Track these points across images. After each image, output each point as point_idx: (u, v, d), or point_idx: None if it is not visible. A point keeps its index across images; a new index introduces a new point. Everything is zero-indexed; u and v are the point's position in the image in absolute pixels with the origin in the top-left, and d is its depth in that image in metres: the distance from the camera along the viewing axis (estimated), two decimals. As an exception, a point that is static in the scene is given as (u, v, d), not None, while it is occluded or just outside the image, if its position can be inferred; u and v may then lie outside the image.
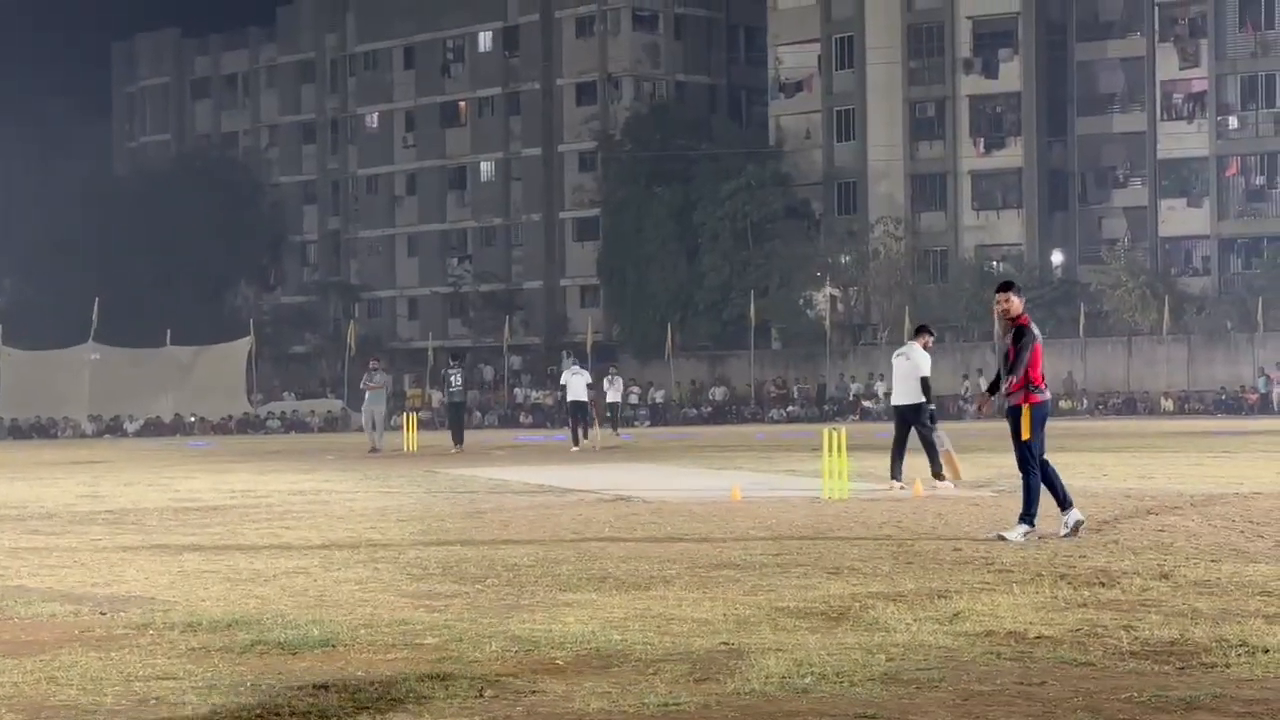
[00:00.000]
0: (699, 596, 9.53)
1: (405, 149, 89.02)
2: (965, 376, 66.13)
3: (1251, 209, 70.52)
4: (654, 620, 8.54)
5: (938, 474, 18.97)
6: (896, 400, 19.78)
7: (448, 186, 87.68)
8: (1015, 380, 13.00)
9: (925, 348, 19.76)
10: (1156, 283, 68.36)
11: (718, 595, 9.56)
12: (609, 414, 45.06)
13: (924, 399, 19.26)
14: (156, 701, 6.50)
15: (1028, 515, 12.78)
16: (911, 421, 19.23)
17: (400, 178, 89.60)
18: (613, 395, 49.77)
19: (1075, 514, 12.89)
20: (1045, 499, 12.88)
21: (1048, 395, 13.18)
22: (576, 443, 35.52)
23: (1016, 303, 13.24)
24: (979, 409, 14.18)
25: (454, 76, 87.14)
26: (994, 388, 13.41)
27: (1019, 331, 13.10)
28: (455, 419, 37.05)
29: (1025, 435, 12.94)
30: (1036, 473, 12.87)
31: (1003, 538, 12.67)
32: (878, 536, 13.17)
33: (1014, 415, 13.02)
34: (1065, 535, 12.70)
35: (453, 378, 37.34)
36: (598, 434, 38.66)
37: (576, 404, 36.35)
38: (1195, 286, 70.21)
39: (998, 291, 13.53)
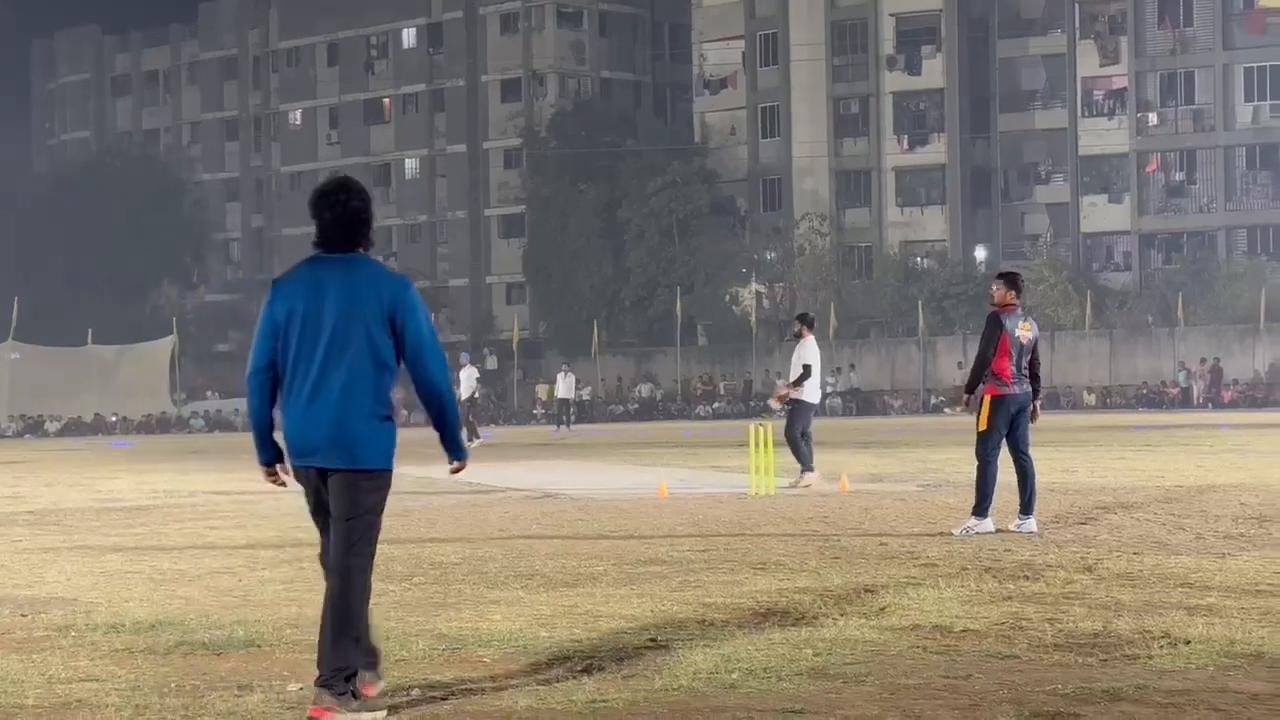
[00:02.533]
0: (626, 593, 9.53)
1: (329, 146, 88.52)
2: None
3: (1171, 205, 71.20)
4: (581, 617, 8.53)
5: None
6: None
7: (372, 184, 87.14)
8: (975, 370, 12.88)
9: (799, 335, 19.71)
10: (1078, 278, 68.95)
11: (645, 592, 9.56)
12: (560, 410, 45.22)
13: (808, 392, 19.11)
14: (79, 704, 6.44)
15: (976, 505, 12.74)
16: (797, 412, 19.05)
17: (324, 175, 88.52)
18: (564, 391, 49.83)
19: (987, 524, 12.70)
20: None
21: (1013, 389, 12.84)
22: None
23: (1000, 293, 13.08)
24: (963, 407, 13.78)
25: (378, 73, 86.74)
26: (972, 386, 13.11)
27: (987, 320, 12.99)
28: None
29: (982, 426, 12.86)
30: (992, 464, 12.76)
31: (952, 532, 12.65)
32: (804, 532, 13.21)
33: (978, 405, 12.95)
34: (959, 534, 12.58)
35: None
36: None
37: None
38: (1116, 282, 70.83)
39: (995, 279, 13.36)
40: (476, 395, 37.11)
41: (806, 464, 18.76)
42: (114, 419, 66.21)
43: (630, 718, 6.06)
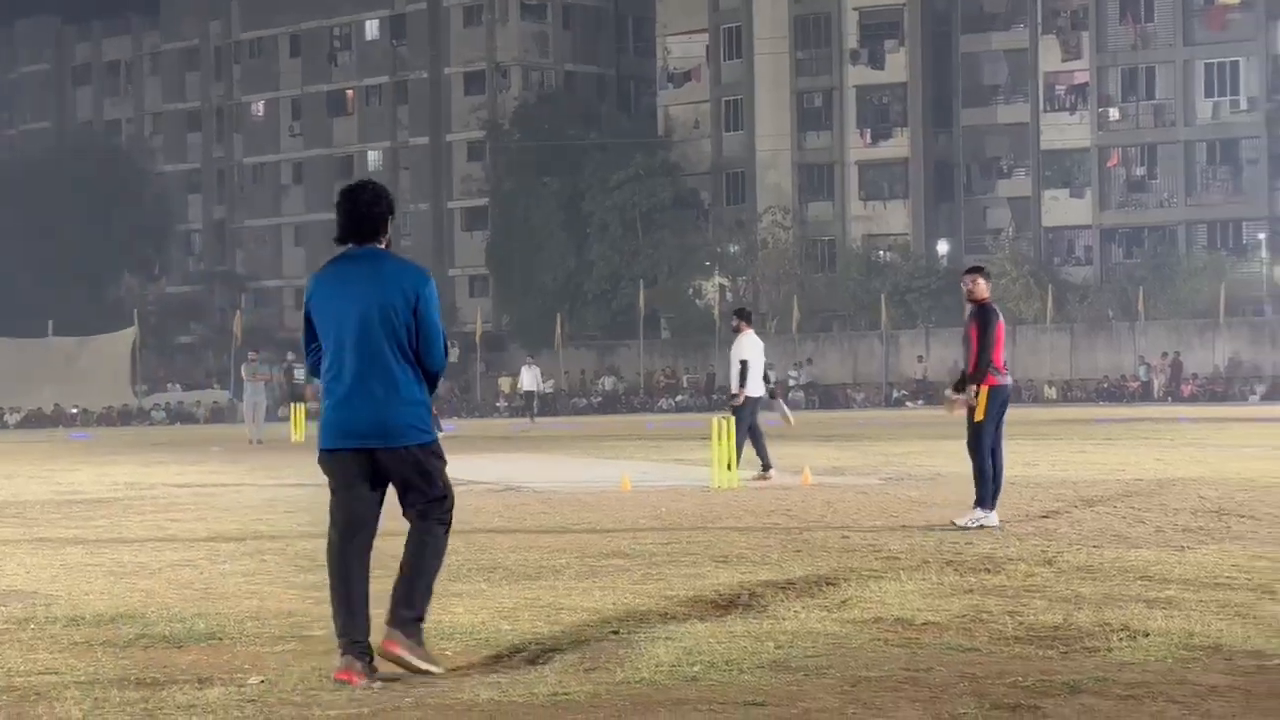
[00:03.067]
0: (589, 586, 9.53)
1: (292, 138, 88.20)
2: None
3: (1132, 199, 71.55)
4: (543, 610, 8.53)
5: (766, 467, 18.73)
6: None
7: (335, 175, 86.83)
8: (972, 361, 12.83)
9: (736, 330, 19.65)
10: (1040, 272, 69.23)
11: (607, 585, 9.57)
12: (526, 402, 45.33)
13: (757, 385, 19.07)
14: (38, 696, 6.40)
15: (980, 500, 12.72)
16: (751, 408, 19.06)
17: (287, 166, 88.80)
18: (529, 384, 49.78)
19: (993, 517, 12.62)
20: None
21: (1008, 379, 12.88)
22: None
23: (983, 285, 13.04)
24: (951, 409, 13.51)
25: (341, 65, 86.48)
26: (961, 385, 12.99)
27: (981, 310, 12.91)
28: None
29: (979, 416, 12.80)
30: (987, 456, 12.76)
31: (954, 524, 12.58)
32: (766, 526, 13.23)
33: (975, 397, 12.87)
34: (961, 527, 12.52)
35: None
36: None
37: None
38: (1078, 276, 71.16)
39: (965, 274, 13.32)
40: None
41: (765, 459, 18.81)
42: (74, 411, 65.87)
43: (592, 710, 6.06)
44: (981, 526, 12.46)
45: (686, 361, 72.43)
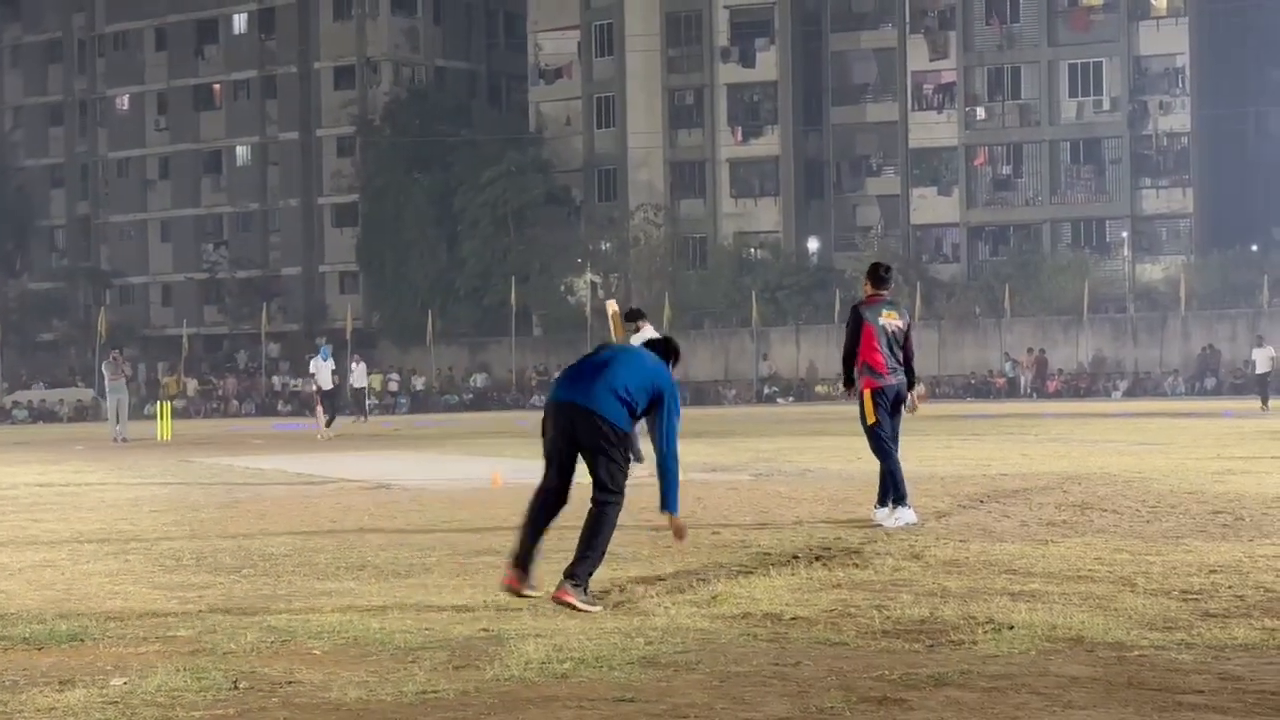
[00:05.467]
0: (459, 584, 9.50)
1: (158, 132, 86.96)
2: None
3: (998, 198, 72.52)
4: (413, 608, 8.49)
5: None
6: None
7: (202, 170, 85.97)
8: (844, 363, 12.91)
9: (638, 329, 19.67)
10: (908, 269, 69.91)
11: (478, 582, 9.54)
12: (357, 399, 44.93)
13: None
14: (-107, 702, 6.27)
15: (895, 496, 12.71)
16: None
17: (153, 161, 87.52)
18: (359, 380, 49.46)
19: (910, 514, 12.61)
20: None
21: (889, 379, 12.77)
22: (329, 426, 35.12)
23: (864, 286, 13.08)
24: (848, 394, 13.51)
25: (208, 59, 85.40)
26: (847, 379, 13.04)
27: (849, 314, 13.01)
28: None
29: (869, 419, 12.84)
30: (891, 454, 12.77)
31: (879, 524, 12.49)
32: (637, 522, 13.22)
33: (860, 400, 12.91)
34: (890, 525, 12.42)
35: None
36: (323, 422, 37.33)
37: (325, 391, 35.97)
38: (945, 273, 72.00)
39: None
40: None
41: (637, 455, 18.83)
42: (-67, 410, 64.62)
43: (461, 708, 6.03)
44: (906, 524, 12.47)
45: (558, 359, 72.23)
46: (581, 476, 8.91)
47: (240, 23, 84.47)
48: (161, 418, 37.32)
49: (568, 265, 73.78)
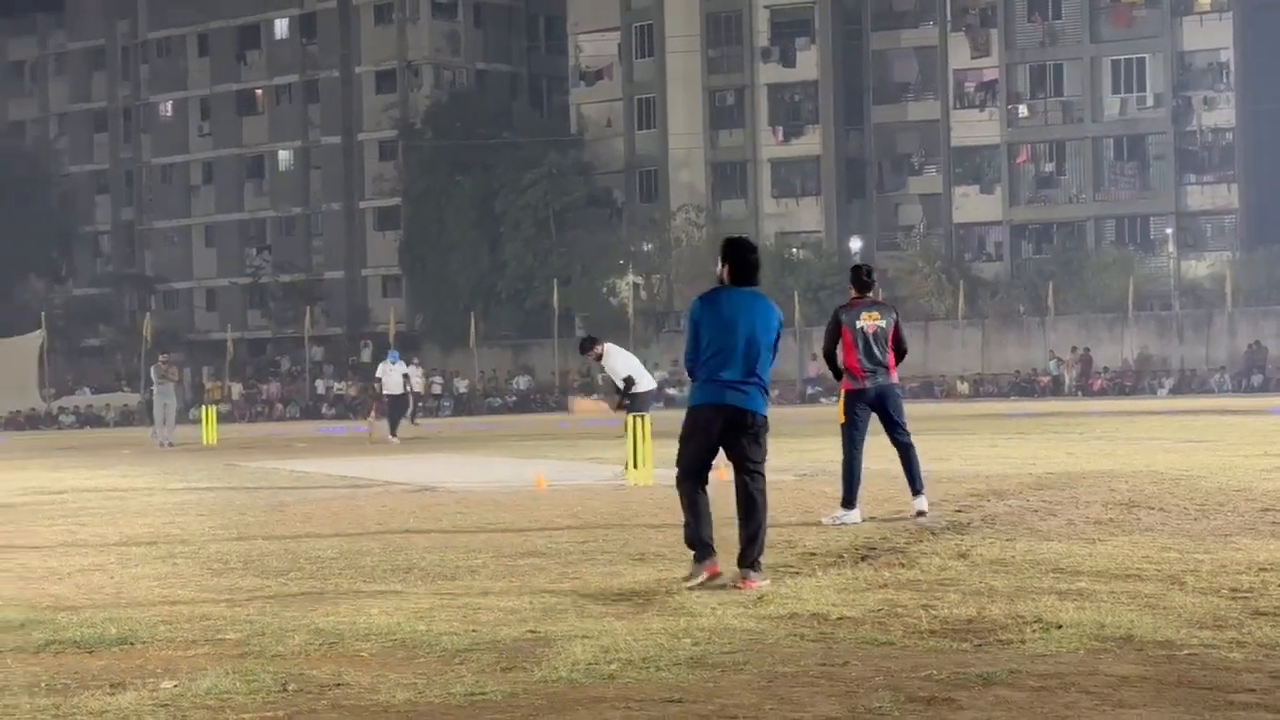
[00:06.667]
0: (505, 585, 9.51)
1: (201, 137, 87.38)
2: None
3: (1041, 195, 72.21)
4: (460, 610, 8.50)
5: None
6: None
7: (245, 175, 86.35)
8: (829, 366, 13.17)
9: (598, 357, 19.74)
10: (951, 268, 69.74)
11: (524, 584, 9.56)
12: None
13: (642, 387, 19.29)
14: (-54, 705, 6.31)
15: (844, 497, 12.89)
16: None
17: (196, 167, 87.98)
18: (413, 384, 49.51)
19: (854, 515, 12.81)
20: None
21: (864, 383, 12.93)
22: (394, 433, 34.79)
23: (850, 290, 13.25)
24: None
25: (250, 64, 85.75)
26: (838, 377, 13.39)
27: (830, 318, 13.27)
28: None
29: (840, 419, 13.18)
30: (854, 456, 12.95)
31: (920, 513, 12.82)
32: (682, 523, 13.21)
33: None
34: (827, 522, 12.70)
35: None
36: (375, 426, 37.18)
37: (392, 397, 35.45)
38: (989, 272, 71.73)
39: None
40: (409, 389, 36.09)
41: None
42: (-19, 415, 65.07)
43: (509, 710, 6.04)
44: (842, 524, 12.59)
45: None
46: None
47: (282, 28, 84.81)
48: (206, 422, 37.49)
49: (609, 267, 73.79)
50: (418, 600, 8.94)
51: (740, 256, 9.76)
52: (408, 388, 35.26)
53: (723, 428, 9.43)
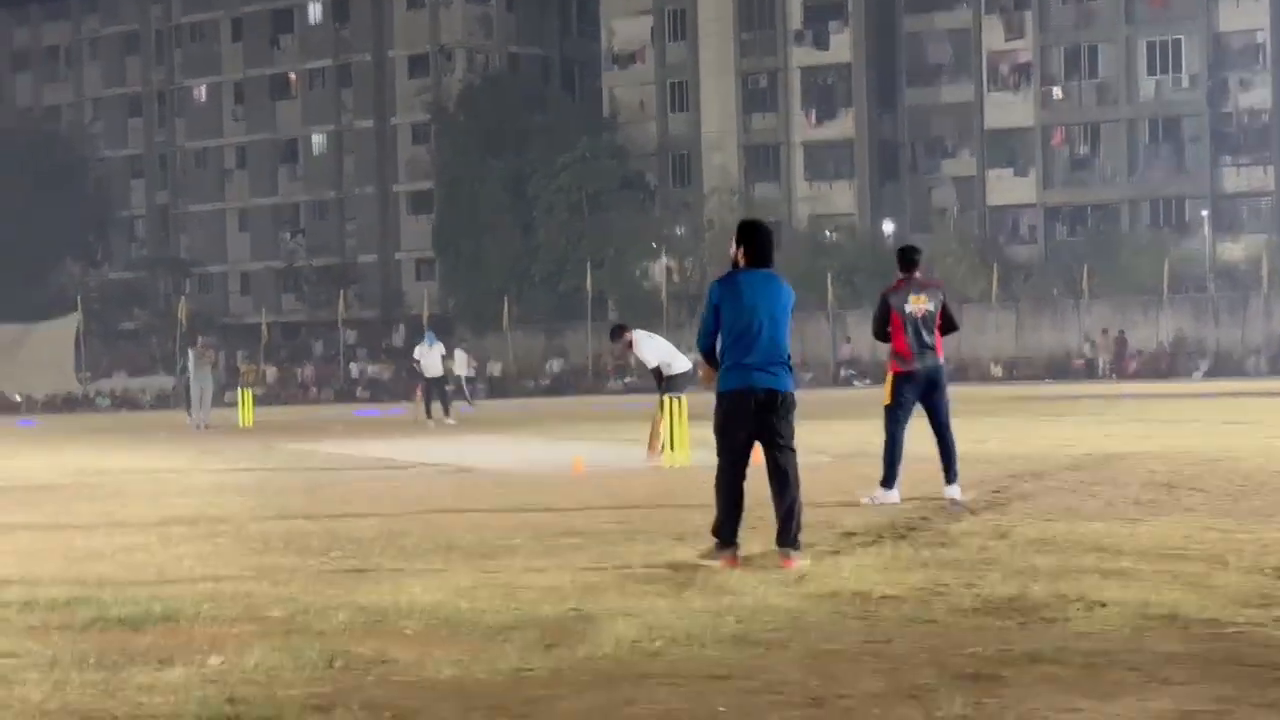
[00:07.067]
0: (546, 564, 9.53)
1: (234, 122, 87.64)
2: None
3: (1076, 178, 71.94)
4: (501, 588, 8.52)
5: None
6: None
7: (279, 160, 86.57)
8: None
9: (629, 347, 19.60)
10: (985, 251, 69.53)
11: (564, 563, 9.57)
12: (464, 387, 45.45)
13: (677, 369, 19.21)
14: (-3, 680, 6.36)
15: (884, 476, 12.91)
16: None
17: (230, 151, 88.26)
18: (459, 368, 49.83)
19: (893, 495, 12.83)
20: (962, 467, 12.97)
21: (914, 365, 12.85)
22: (429, 416, 34.80)
23: (896, 271, 13.29)
24: None
25: (283, 48, 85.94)
26: None
27: (878, 300, 13.31)
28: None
29: (886, 400, 13.13)
30: (897, 438, 12.91)
31: (956, 501, 12.72)
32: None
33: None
34: (866, 502, 12.75)
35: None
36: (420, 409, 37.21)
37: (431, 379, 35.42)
38: (1023, 255, 71.51)
39: None
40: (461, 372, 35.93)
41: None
42: (18, 398, 65.38)
43: (556, 685, 6.05)
44: (881, 504, 12.63)
45: (634, 343, 72.33)
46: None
47: (315, 12, 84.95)
48: (243, 404, 37.64)
49: (643, 250, 73.77)
50: (459, 578, 8.96)
51: (756, 239, 9.99)
52: (468, 368, 35.28)
53: (754, 410, 9.56)
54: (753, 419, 9.59)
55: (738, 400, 9.59)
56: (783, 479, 9.57)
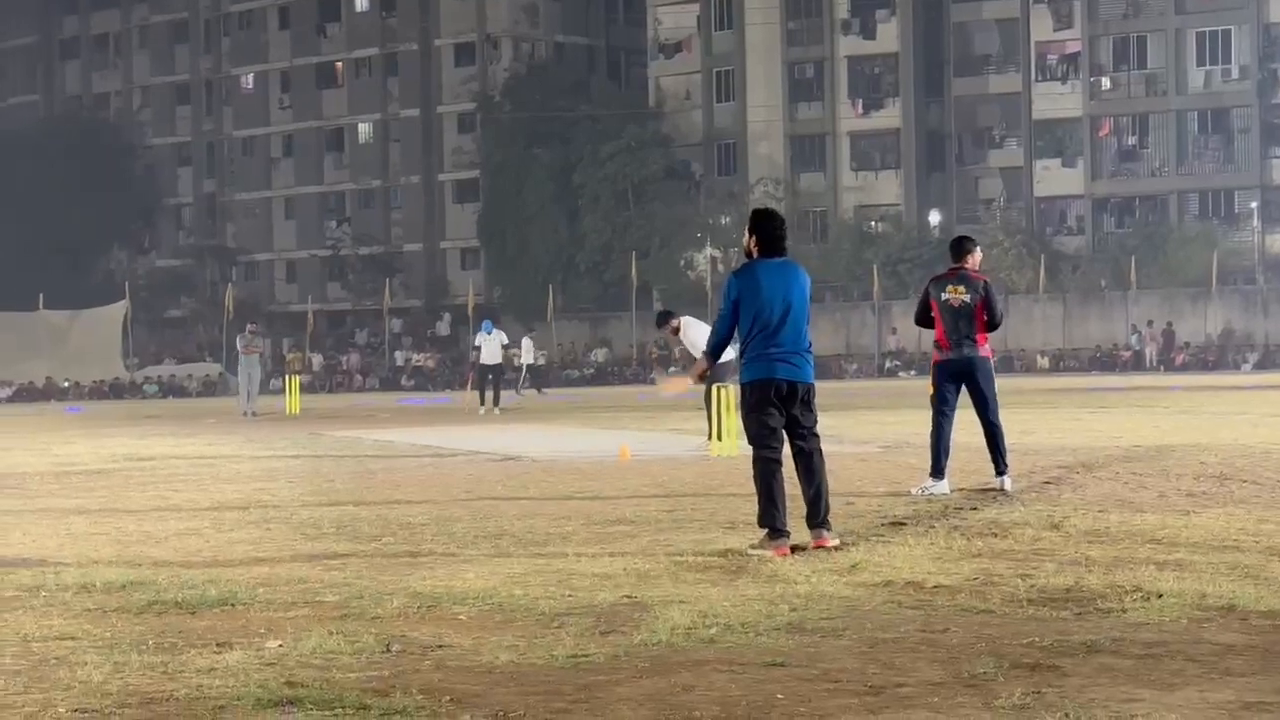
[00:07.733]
0: (597, 552, 9.54)
1: (281, 110, 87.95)
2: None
3: (1124, 169, 71.55)
4: (554, 575, 8.54)
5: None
6: None
7: (325, 148, 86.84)
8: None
9: (676, 333, 19.50)
10: (1032, 242, 69.24)
11: (616, 550, 9.58)
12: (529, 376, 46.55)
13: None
14: (57, 661, 6.40)
15: (932, 468, 12.85)
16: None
17: (277, 139, 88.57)
18: (526, 357, 50.32)
19: (942, 485, 12.76)
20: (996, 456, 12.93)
21: (950, 354, 12.85)
22: (483, 403, 34.85)
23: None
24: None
25: (330, 37, 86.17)
26: None
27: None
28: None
29: (929, 390, 13.18)
30: (942, 428, 12.83)
31: (1004, 491, 12.65)
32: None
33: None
34: (915, 493, 12.67)
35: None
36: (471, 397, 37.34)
37: (487, 367, 35.46)
38: (1070, 246, 71.16)
39: None
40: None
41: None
42: (66, 384, 65.81)
43: (613, 671, 6.06)
44: (930, 495, 12.55)
45: (679, 333, 72.29)
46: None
47: (361, 1, 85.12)
48: (290, 392, 37.79)
49: (688, 239, 73.73)
50: (511, 565, 8.98)
51: (768, 229, 9.94)
52: (533, 358, 35.44)
53: (777, 398, 9.71)
54: (777, 408, 9.74)
55: (762, 389, 9.71)
56: (808, 463, 9.81)
